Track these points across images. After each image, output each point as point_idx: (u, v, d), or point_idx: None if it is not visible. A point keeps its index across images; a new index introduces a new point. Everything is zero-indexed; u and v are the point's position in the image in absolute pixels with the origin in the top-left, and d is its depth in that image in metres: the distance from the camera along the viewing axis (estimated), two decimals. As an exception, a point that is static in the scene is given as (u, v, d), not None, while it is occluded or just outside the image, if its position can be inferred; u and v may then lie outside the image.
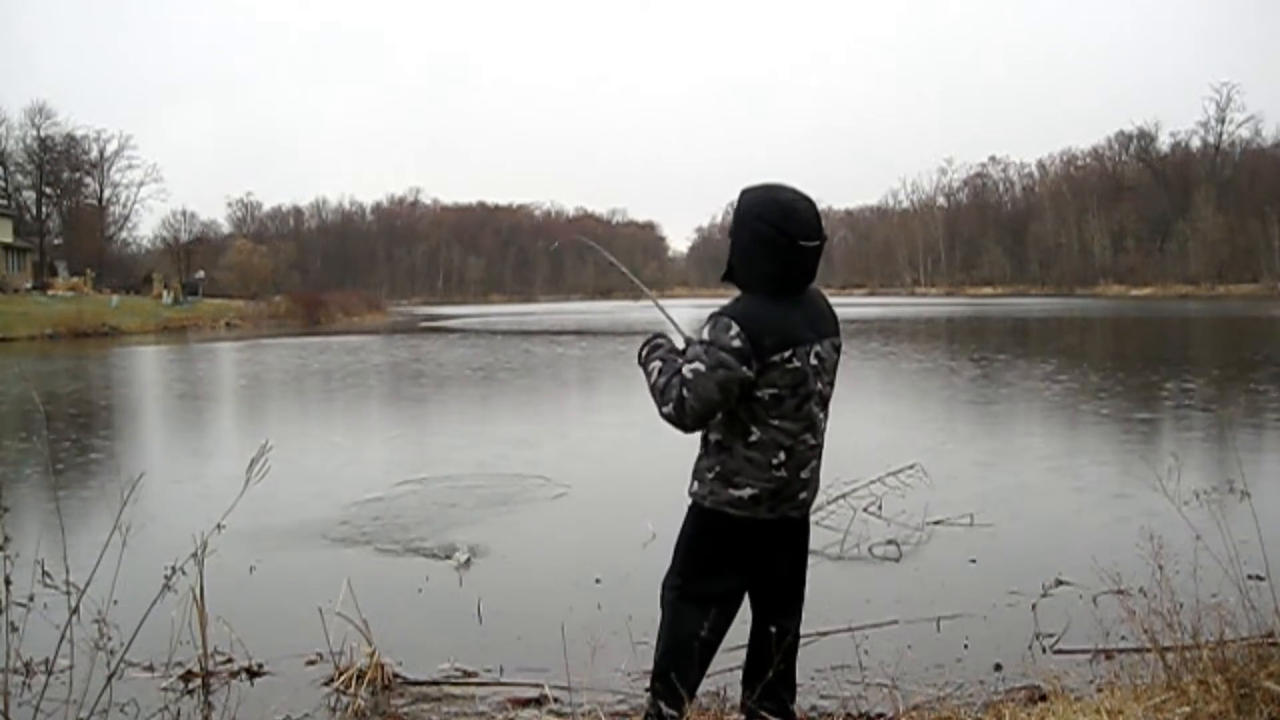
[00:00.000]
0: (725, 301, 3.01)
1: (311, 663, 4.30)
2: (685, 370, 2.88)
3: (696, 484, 3.04)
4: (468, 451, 10.22)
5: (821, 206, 3.17)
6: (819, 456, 3.07)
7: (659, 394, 2.95)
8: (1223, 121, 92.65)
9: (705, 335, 2.88)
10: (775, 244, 2.87)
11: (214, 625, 4.14)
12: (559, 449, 10.40)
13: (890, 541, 6.08)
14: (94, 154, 76.00)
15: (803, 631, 4.62)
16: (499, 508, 7.51)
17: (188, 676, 4.11)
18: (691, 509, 3.09)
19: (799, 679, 3.98)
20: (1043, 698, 3.56)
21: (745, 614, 3.16)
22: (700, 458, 3.05)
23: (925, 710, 3.45)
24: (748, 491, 2.94)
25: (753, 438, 2.92)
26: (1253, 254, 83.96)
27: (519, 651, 4.47)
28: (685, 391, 2.87)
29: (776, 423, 2.91)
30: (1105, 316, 44.65)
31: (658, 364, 3.02)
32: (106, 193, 77.17)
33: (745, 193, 2.98)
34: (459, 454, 10.07)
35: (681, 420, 2.90)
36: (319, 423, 14.13)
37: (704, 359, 2.84)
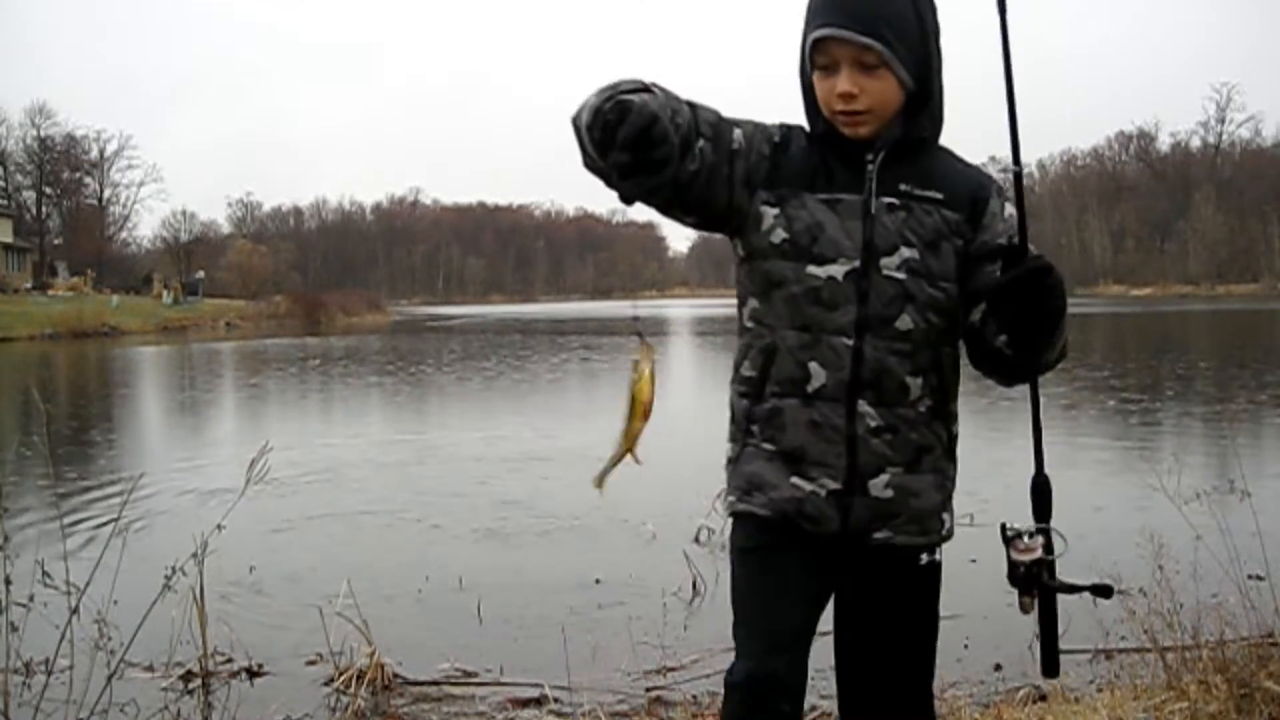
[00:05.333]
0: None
1: (311, 663, 4.30)
2: None
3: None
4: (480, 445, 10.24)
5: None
6: None
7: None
8: (1223, 121, 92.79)
9: None
10: None
11: (214, 625, 4.14)
12: (566, 445, 10.40)
13: (890, 541, 6.08)
14: (94, 154, 76.17)
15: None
16: (499, 507, 7.51)
17: (188, 676, 4.11)
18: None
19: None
20: (1043, 698, 3.56)
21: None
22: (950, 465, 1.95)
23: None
24: None
25: None
26: (1253, 254, 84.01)
27: (519, 651, 4.47)
28: None
29: None
30: (1105, 315, 44.65)
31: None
32: (106, 193, 77.31)
33: None
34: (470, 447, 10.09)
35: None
36: (318, 414, 14.14)
37: None
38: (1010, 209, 1.87)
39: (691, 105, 1.77)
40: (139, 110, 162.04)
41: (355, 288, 78.86)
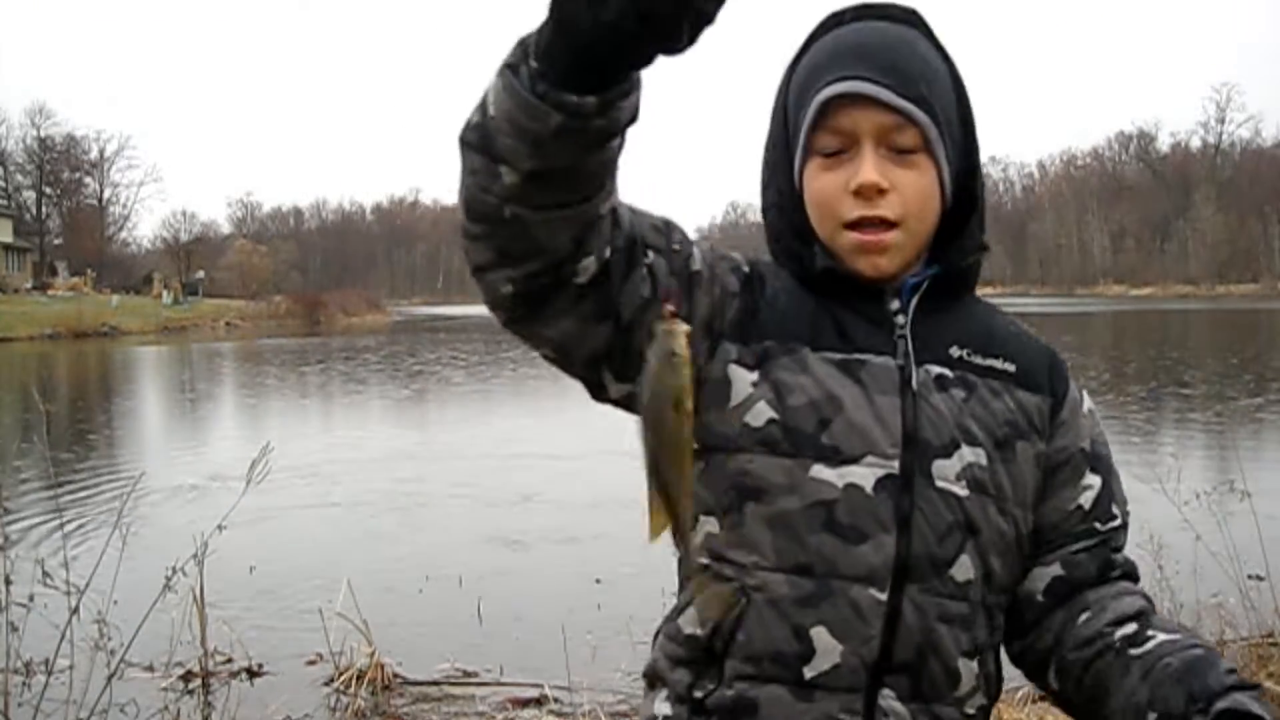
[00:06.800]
0: None
1: (311, 663, 4.31)
2: None
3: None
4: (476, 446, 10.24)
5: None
6: None
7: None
8: (1223, 121, 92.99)
9: None
10: None
11: (214, 625, 4.14)
12: (566, 444, 10.39)
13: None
14: (94, 154, 76.32)
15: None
16: (500, 507, 7.51)
17: (188, 676, 4.11)
18: None
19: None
20: (1043, 697, 3.56)
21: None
22: None
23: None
24: None
25: None
26: (1253, 254, 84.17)
27: (519, 651, 4.47)
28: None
29: None
30: (1105, 315, 44.64)
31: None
32: (106, 193, 77.47)
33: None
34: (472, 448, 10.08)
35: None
36: (318, 414, 14.14)
37: None
38: (1089, 402, 1.22)
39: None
40: (139, 110, 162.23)
41: (355, 288, 78.85)
